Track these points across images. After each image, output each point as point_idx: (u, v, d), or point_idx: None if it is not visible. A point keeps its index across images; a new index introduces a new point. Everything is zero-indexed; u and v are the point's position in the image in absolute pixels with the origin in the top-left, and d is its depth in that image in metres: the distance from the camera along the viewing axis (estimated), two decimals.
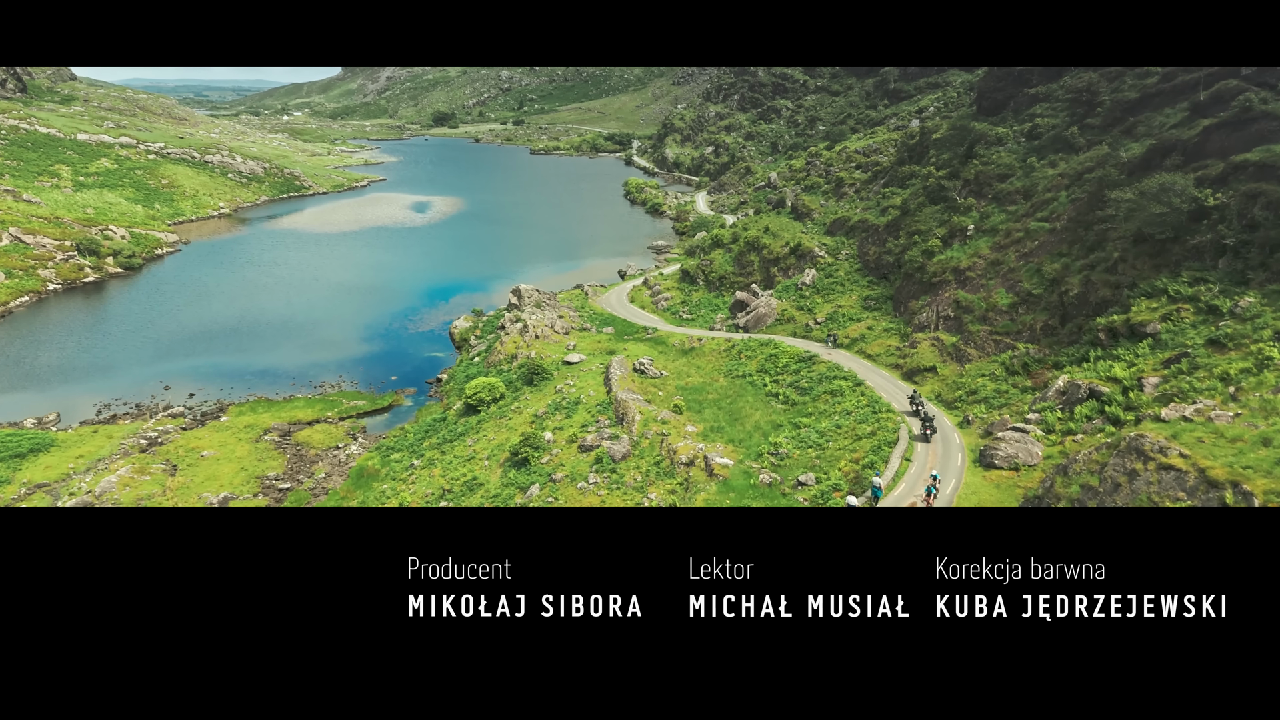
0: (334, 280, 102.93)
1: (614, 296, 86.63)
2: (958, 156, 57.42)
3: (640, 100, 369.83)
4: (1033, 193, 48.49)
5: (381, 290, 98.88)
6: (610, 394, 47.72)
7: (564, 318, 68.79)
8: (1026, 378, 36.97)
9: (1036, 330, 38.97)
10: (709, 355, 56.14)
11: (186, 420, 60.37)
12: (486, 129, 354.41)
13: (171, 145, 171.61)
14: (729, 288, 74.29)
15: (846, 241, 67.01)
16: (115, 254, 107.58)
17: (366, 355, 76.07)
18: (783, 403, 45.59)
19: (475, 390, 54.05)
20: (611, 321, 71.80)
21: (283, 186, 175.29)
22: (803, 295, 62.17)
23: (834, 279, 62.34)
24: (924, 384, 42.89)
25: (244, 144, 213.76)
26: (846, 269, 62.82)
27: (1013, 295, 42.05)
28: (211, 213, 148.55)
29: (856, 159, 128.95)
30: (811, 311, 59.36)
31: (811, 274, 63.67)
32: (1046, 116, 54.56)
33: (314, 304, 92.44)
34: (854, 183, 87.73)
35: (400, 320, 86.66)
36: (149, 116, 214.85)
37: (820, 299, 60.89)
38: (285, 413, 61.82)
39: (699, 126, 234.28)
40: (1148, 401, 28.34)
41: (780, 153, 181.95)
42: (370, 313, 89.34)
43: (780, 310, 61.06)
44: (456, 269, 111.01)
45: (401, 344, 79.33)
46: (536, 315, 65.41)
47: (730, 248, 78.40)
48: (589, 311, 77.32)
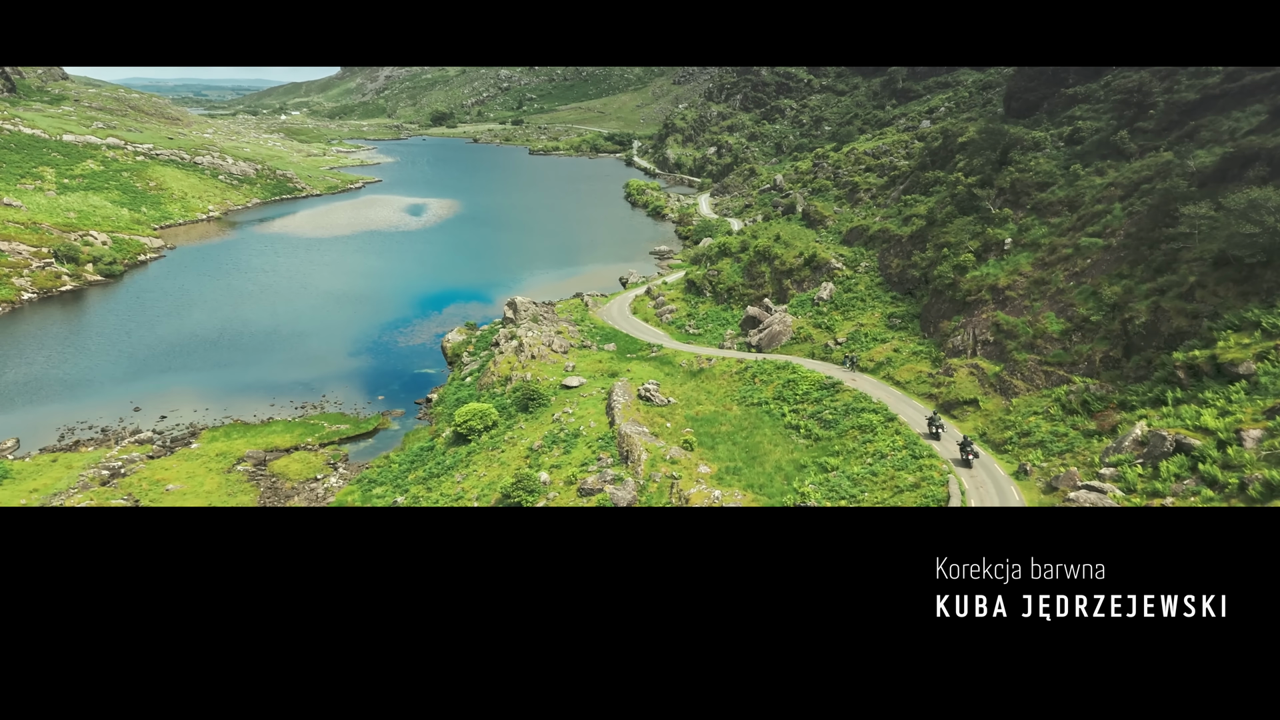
0: (323, 288, 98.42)
1: (615, 307, 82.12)
2: (990, 162, 52.82)
3: (640, 100, 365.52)
4: (1079, 203, 43.95)
5: (372, 299, 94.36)
6: (613, 426, 43.20)
7: (562, 333, 64.28)
8: (1088, 418, 32.44)
9: (1095, 362, 34.45)
10: (720, 378, 51.61)
11: (155, 447, 55.82)
12: (485, 129, 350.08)
13: (160, 146, 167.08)
14: (738, 300, 69.74)
15: (865, 253, 62.43)
16: (95, 261, 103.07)
17: (353, 371, 71.56)
18: (804, 437, 41.06)
19: (466, 418, 49.53)
20: (613, 337, 67.25)
21: (275, 188, 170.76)
22: (820, 311, 57.61)
23: (854, 294, 57.78)
24: (964, 419, 38.36)
25: (237, 145, 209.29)
26: (867, 283, 58.27)
27: (1064, 320, 37.51)
28: (200, 216, 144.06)
29: (866, 161, 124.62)
30: (831, 330, 54.82)
31: (829, 288, 59.14)
32: (1088, 119, 50.01)
33: (300, 314, 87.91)
34: (869, 188, 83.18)
35: (390, 332, 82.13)
36: (141, 117, 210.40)
37: (839, 316, 56.33)
38: (262, 438, 57.30)
39: (701, 127, 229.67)
40: (1252, 461, 23.85)
41: (785, 154, 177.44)
42: (359, 324, 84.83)
43: (796, 328, 56.55)
44: (452, 276, 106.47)
45: (390, 359, 74.83)
46: (533, 332, 60.90)
47: (739, 257, 73.88)
48: (589, 325, 72.78)
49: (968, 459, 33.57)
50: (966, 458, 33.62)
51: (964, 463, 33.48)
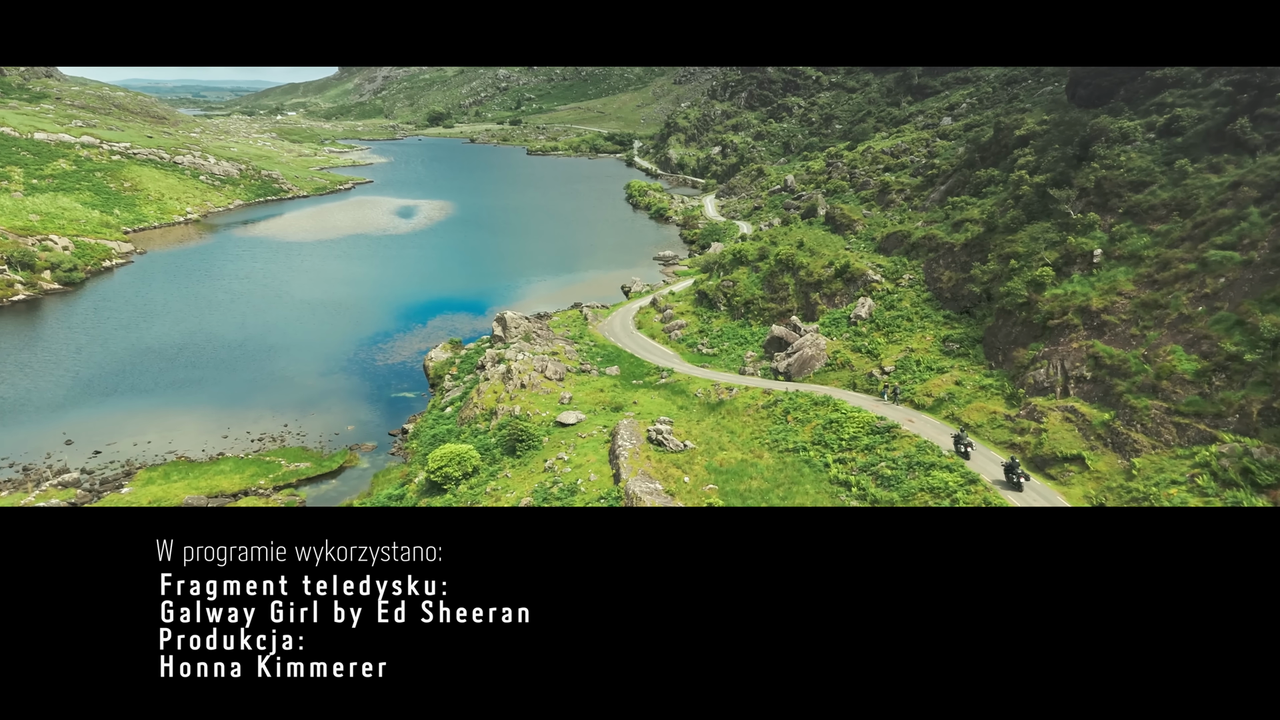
0: (300, 297, 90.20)
1: (618, 320, 73.91)
2: (1065, 158, 44.65)
3: (641, 99, 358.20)
4: (1191, 207, 35.79)
5: (352, 309, 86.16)
6: (619, 482, 34.93)
7: (558, 355, 55.96)
8: (1253, 493, 24.26)
9: (1252, 416, 26.27)
10: (744, 414, 43.35)
11: (80, 492, 47.52)
12: (483, 129, 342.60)
13: (139, 145, 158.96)
14: (757, 315, 61.48)
15: (908, 263, 54.17)
16: (54, 267, 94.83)
17: (322, 393, 63.34)
18: (858, 498, 32.80)
19: (441, 463, 41.28)
20: (616, 358, 58.93)
21: (260, 189, 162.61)
22: (859, 332, 49.35)
23: (898, 312, 49.53)
24: (1067, 482, 30.07)
25: (224, 144, 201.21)
26: (912, 299, 50.05)
27: (1198, 357, 29.30)
28: (178, 218, 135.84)
29: (884, 160, 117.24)
30: (874, 355, 46.53)
31: (867, 304, 50.89)
32: (1186, 105, 41.81)
33: (272, 326, 79.68)
34: (902, 188, 74.93)
35: (368, 348, 73.90)
36: (126, 115, 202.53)
37: (882, 338, 48.06)
38: (206, 479, 49.04)
39: (704, 126, 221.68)
40: None
41: (793, 153, 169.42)
42: (334, 338, 76.62)
43: (832, 352, 48.28)
44: (440, 284, 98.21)
45: (366, 379, 66.61)
46: (524, 355, 52.57)
47: (757, 265, 65.63)
48: (588, 343, 64.54)
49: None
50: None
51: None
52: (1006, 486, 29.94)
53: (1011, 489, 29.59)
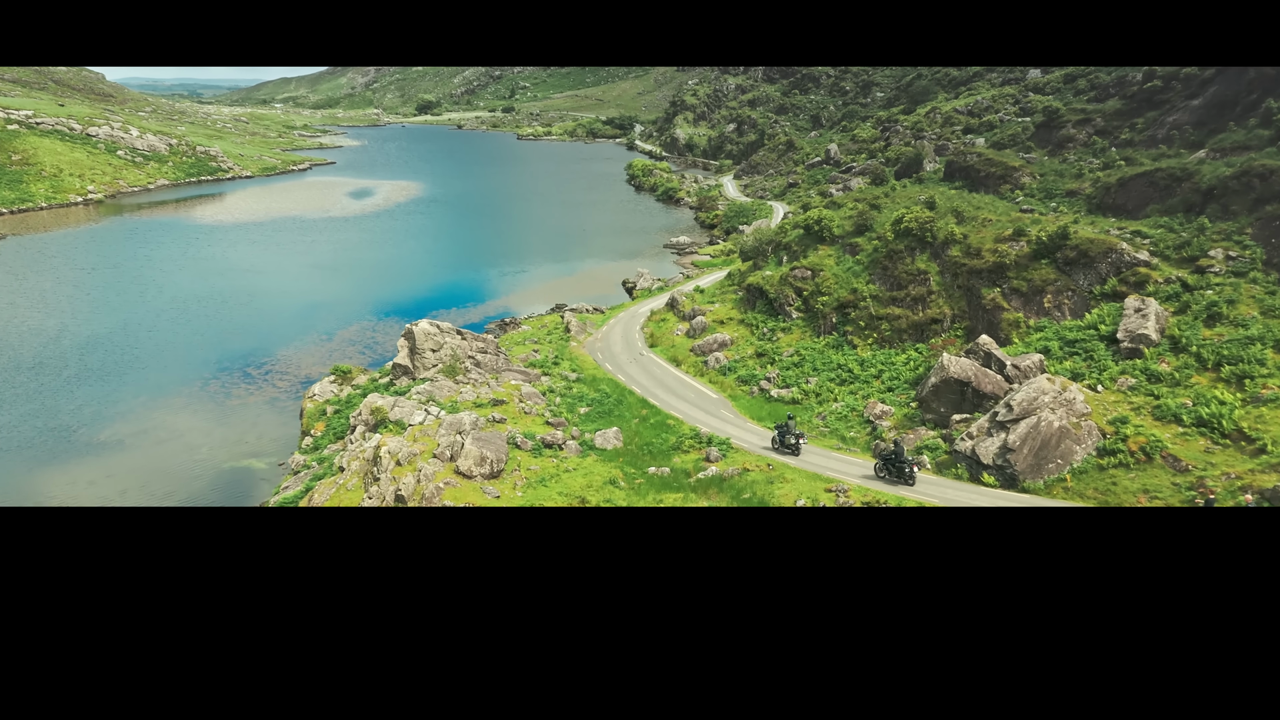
0: (173, 293, 64.36)
1: (618, 332, 48.09)
2: None
3: (642, 87, 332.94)
4: None
5: (236, 309, 60.38)
6: None
7: (505, 404, 29.77)
8: None
9: None
10: None
11: None
12: (472, 115, 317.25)
13: (44, 114, 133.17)
14: (866, 328, 35.57)
15: (1209, 226, 28.13)
16: None
17: (135, 447, 37.64)
18: None
19: None
20: (613, 410, 33.00)
21: (191, 168, 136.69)
22: (1152, 374, 23.33)
23: (1233, 323, 23.61)
24: None
25: (169, 126, 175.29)
26: (1260, 294, 24.23)
27: None
28: (75, 198, 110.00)
29: (961, 120, 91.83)
30: (1213, 428, 20.52)
31: (1151, 312, 24.74)
32: None
33: (116, 332, 53.81)
34: (1092, 115, 48.66)
35: (234, 369, 48.10)
36: (65, 91, 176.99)
37: (1209, 381, 22.13)
38: None
39: (716, 102, 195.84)
40: None
41: (825, 126, 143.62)
42: (193, 352, 50.89)
43: (1109, 425, 22.08)
44: (371, 277, 72.32)
45: (213, 421, 40.93)
46: (422, 419, 26.18)
47: (854, 244, 39.64)
48: (567, 372, 38.63)
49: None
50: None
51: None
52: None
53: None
